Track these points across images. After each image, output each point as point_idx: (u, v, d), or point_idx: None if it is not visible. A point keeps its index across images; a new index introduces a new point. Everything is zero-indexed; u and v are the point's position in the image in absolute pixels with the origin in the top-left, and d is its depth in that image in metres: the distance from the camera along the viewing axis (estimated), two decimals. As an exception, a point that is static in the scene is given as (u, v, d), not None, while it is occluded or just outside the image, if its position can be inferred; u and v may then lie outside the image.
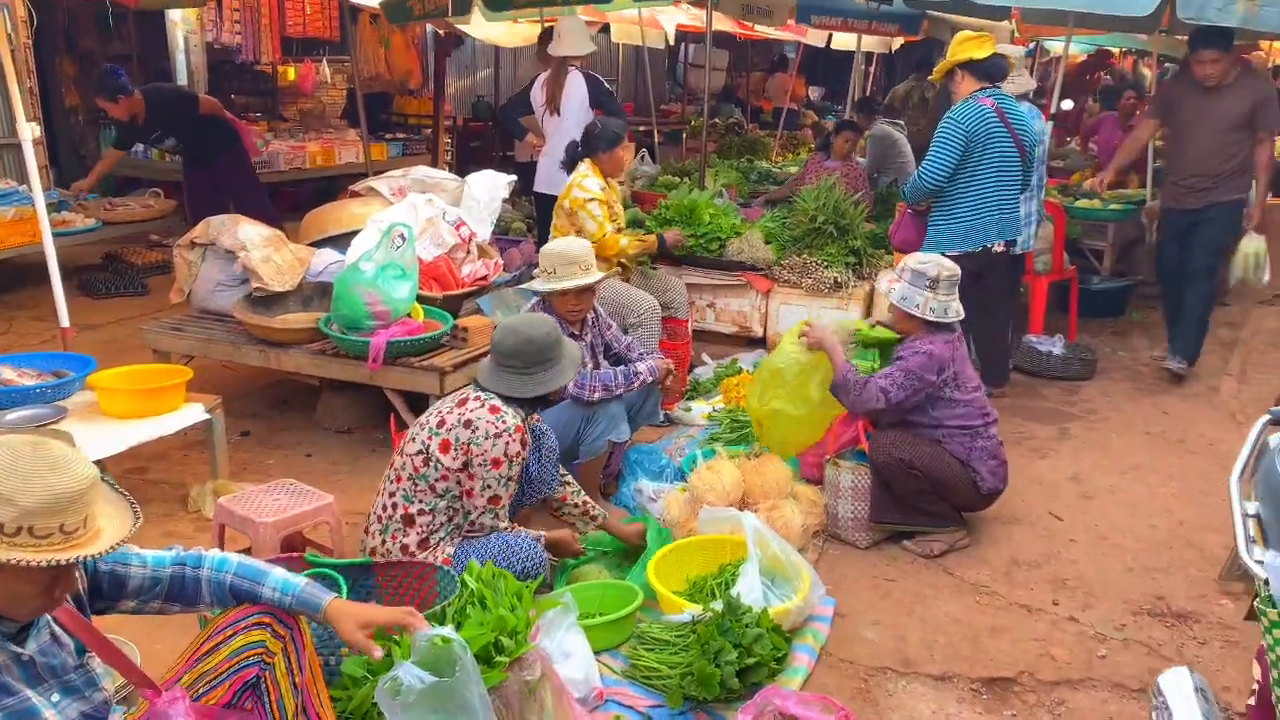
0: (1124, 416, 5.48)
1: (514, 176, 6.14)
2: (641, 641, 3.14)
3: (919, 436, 3.87)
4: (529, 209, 7.82)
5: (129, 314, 6.86)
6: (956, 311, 3.86)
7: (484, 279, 5.37)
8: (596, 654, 3.00)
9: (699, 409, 5.22)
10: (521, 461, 3.23)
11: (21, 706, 1.83)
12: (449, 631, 2.24)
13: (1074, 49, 12.52)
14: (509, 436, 3.13)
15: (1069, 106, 11.46)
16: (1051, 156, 7.04)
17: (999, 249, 4.99)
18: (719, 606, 3.05)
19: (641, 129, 11.39)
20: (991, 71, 4.92)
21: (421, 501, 3.16)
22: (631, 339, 4.41)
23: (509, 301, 5.37)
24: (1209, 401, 5.75)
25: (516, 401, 3.25)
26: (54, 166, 9.22)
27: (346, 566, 3.00)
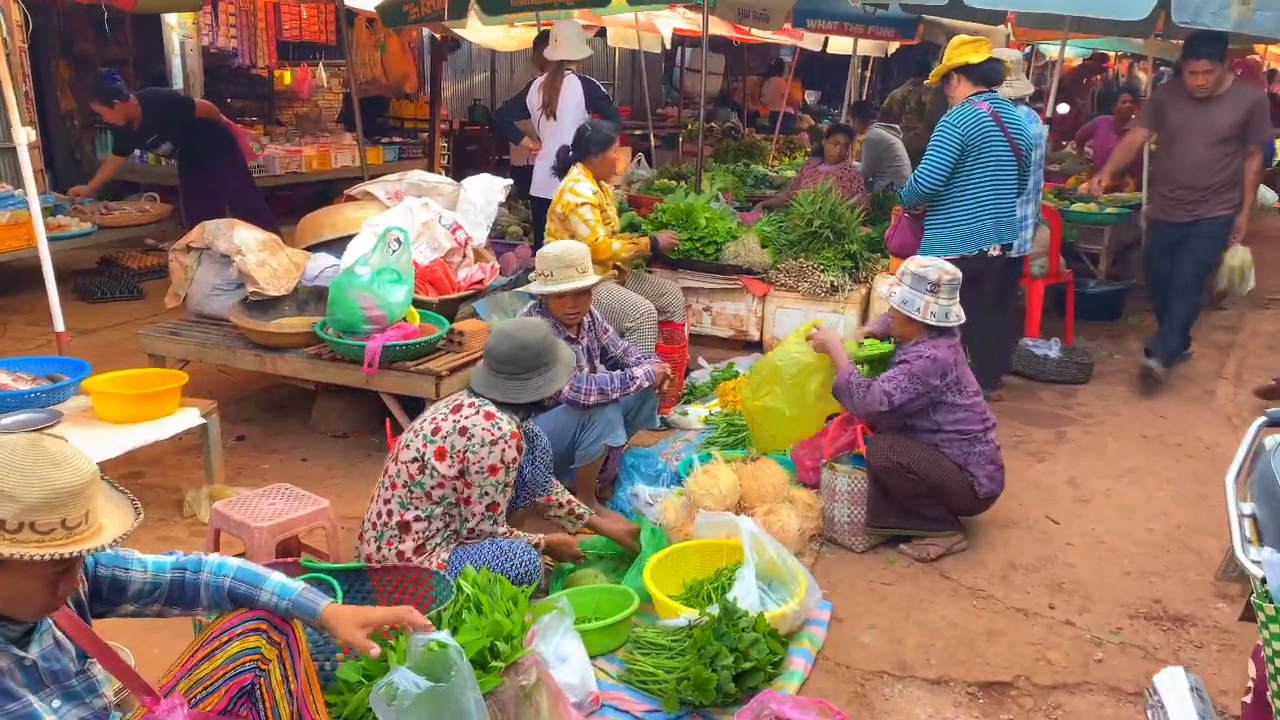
0: (1120, 420, 5.48)
1: (510, 180, 6.14)
2: (638, 646, 3.13)
3: (917, 441, 3.87)
4: (525, 213, 7.83)
5: (124, 318, 6.85)
6: (957, 315, 3.86)
7: (480, 283, 5.37)
8: (592, 659, 3.00)
9: (695, 413, 5.22)
10: (518, 467, 3.23)
11: (24, 712, 1.82)
12: (444, 636, 2.24)
13: (1069, 53, 12.56)
14: (505, 443, 3.12)
15: (1065, 110, 11.48)
16: (1047, 160, 7.05)
17: (995, 253, 4.99)
18: (715, 611, 3.04)
19: (638, 133, 11.41)
20: (988, 75, 4.92)
21: (417, 508, 3.15)
22: (628, 343, 4.41)
23: (505, 305, 5.37)
24: (1205, 405, 5.75)
25: (511, 406, 3.24)
26: (49, 170, 9.21)
27: (342, 571, 2.99)
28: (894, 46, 13.09)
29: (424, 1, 8.00)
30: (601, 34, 12.68)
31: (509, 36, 11.35)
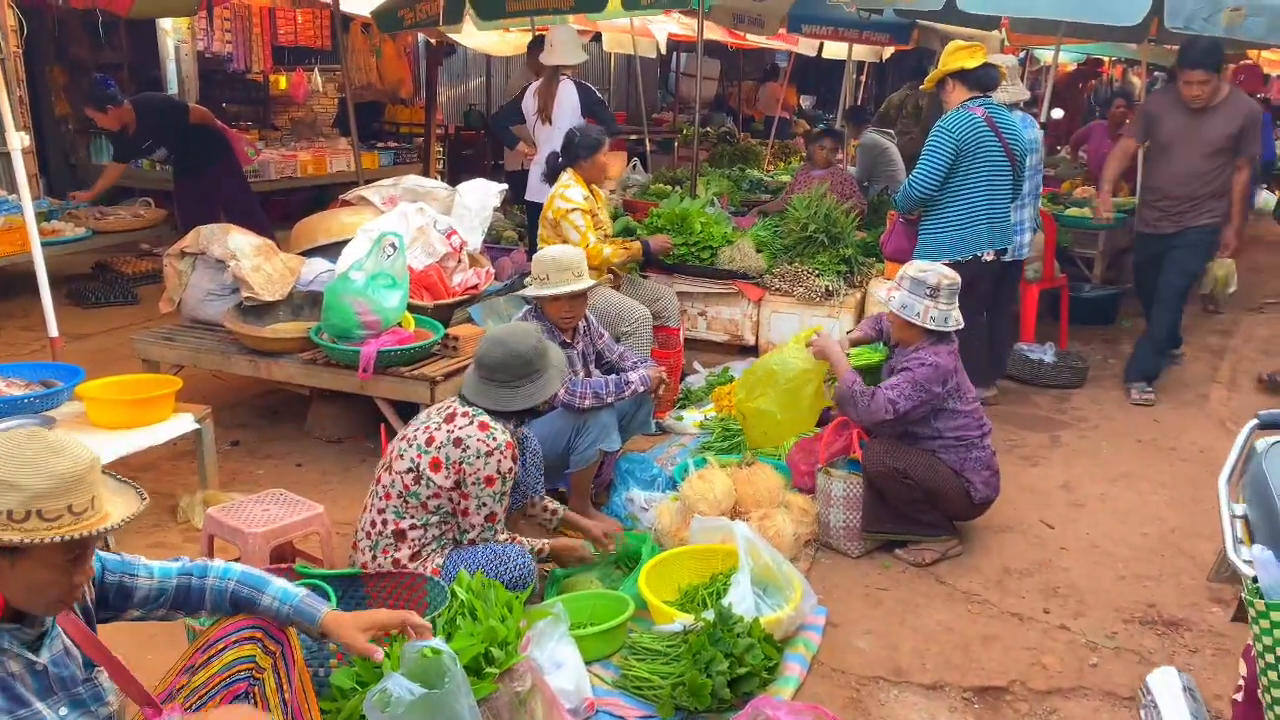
0: (1115, 424, 5.49)
1: (505, 185, 6.14)
2: (633, 652, 3.13)
3: (914, 446, 3.87)
4: (520, 218, 7.83)
5: (119, 323, 6.83)
6: (956, 320, 3.85)
7: (475, 288, 5.36)
8: (588, 664, 2.99)
9: (691, 417, 5.22)
10: (514, 477, 3.22)
11: (32, 719, 1.82)
12: (438, 643, 2.23)
13: (1064, 57, 12.60)
14: (500, 454, 3.10)
15: (1059, 115, 11.51)
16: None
17: (989, 258, 5.00)
18: (710, 616, 3.04)
19: (633, 138, 11.43)
20: (983, 81, 4.93)
21: (413, 517, 3.13)
22: (624, 348, 4.41)
23: (500, 310, 5.37)
24: (1199, 409, 5.76)
25: (505, 413, 3.22)
26: (43, 175, 9.19)
27: (336, 577, 2.99)
28: (889, 51, 13.13)
29: (419, 6, 8.01)
30: (597, 39, 12.71)
31: (504, 41, 11.37)
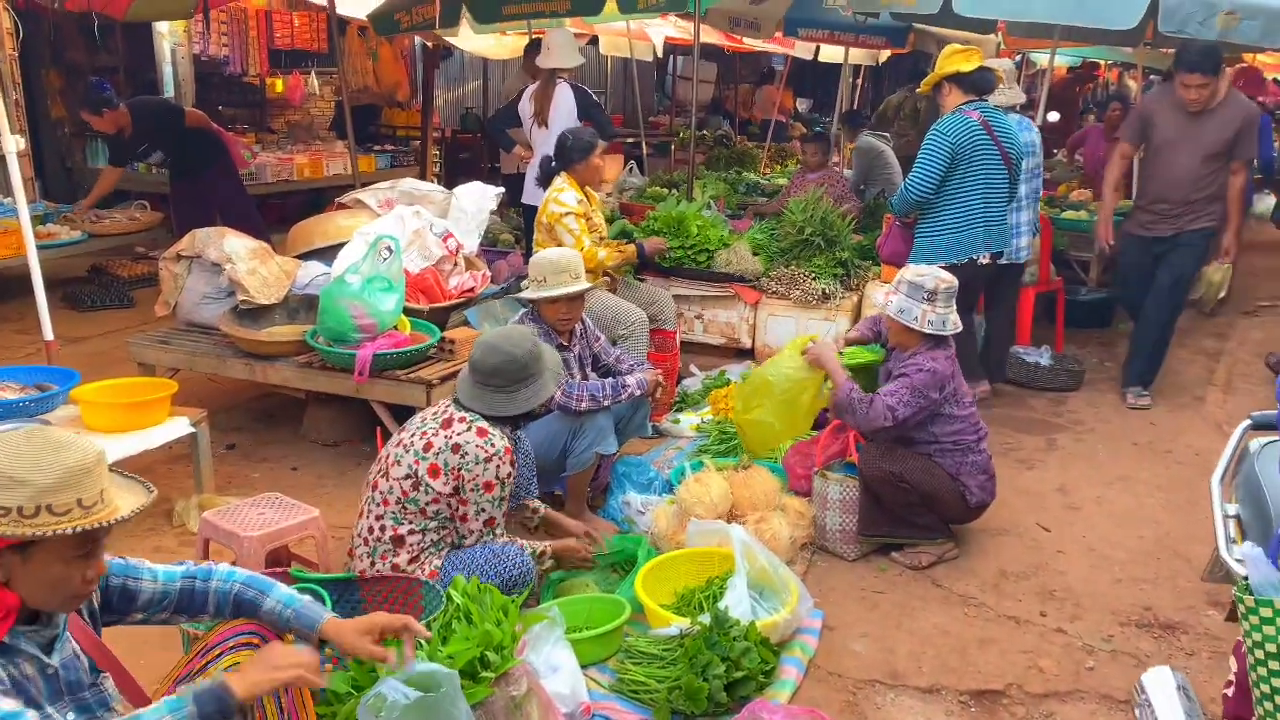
0: (1111, 427, 5.49)
1: (502, 188, 6.15)
2: (629, 655, 3.13)
3: (910, 450, 3.86)
4: (517, 221, 7.83)
5: (114, 327, 6.82)
6: (954, 324, 3.85)
7: (471, 291, 5.36)
8: (584, 668, 2.98)
9: (687, 420, 5.21)
10: (513, 481, 3.21)
11: None
12: (435, 668, 2.22)
13: (1060, 61, 12.62)
14: (499, 460, 3.10)
15: (1055, 119, 11.53)
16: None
17: (985, 261, 5.00)
18: (706, 620, 3.04)
19: (630, 141, 11.44)
20: (979, 84, 4.94)
21: (411, 523, 3.12)
22: (620, 351, 4.40)
23: (496, 313, 5.36)
24: (1195, 412, 5.77)
25: (501, 418, 3.22)
26: (39, 179, 9.18)
27: (331, 581, 2.98)
28: (885, 55, 13.14)
29: (416, 10, 8.01)
30: (593, 42, 12.71)
31: (501, 44, 11.38)
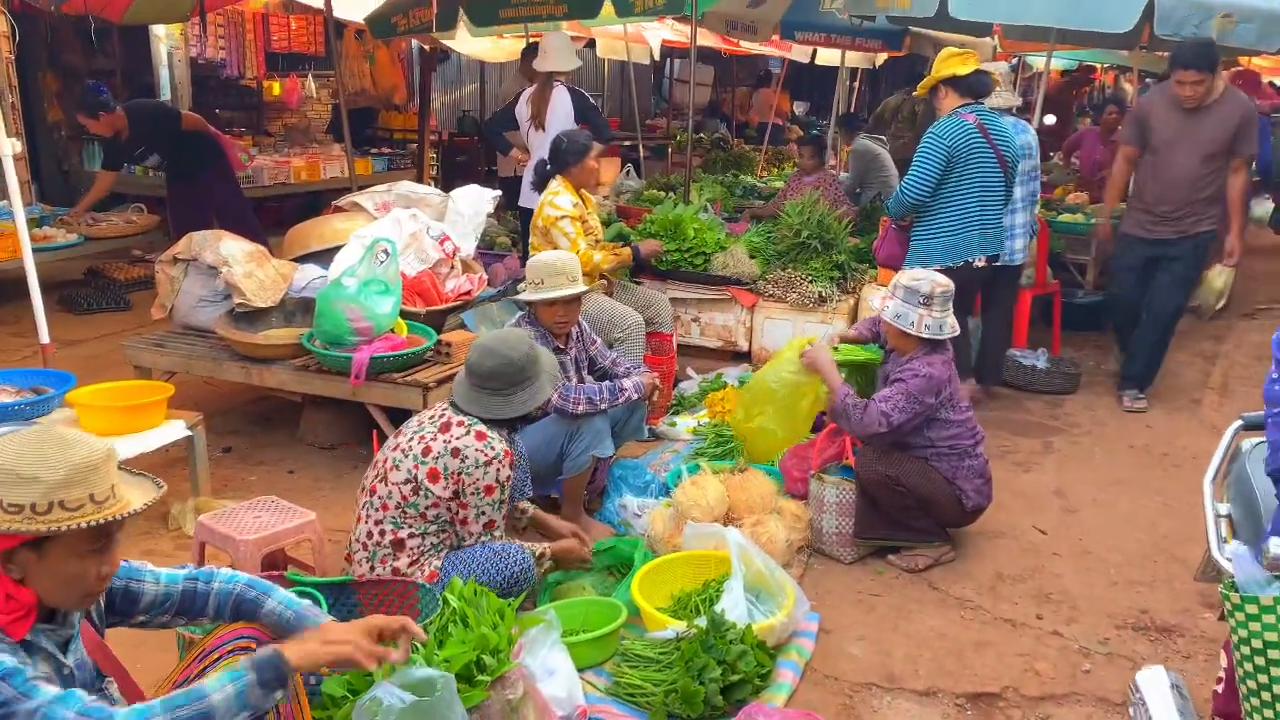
0: (1107, 430, 5.49)
1: (499, 191, 6.14)
2: (625, 659, 3.12)
3: (906, 454, 3.86)
4: (513, 224, 7.83)
5: (111, 330, 6.82)
6: (952, 327, 3.84)
7: (468, 294, 5.36)
8: (580, 671, 2.98)
9: (684, 424, 5.22)
10: (511, 484, 3.21)
11: None
12: (431, 671, 2.21)
13: (1056, 64, 12.63)
14: (499, 463, 3.10)
15: (1051, 121, 11.55)
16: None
17: (980, 264, 5.01)
18: (703, 623, 3.03)
19: (627, 144, 11.45)
20: (974, 87, 4.95)
21: (411, 527, 3.12)
22: (617, 354, 4.40)
23: (493, 316, 5.36)
24: (1192, 415, 5.77)
25: (498, 421, 3.22)
26: (36, 181, 9.18)
27: (328, 585, 2.98)
28: (882, 58, 13.17)
29: (412, 13, 8.01)
30: (590, 45, 12.73)
31: (498, 48, 11.39)
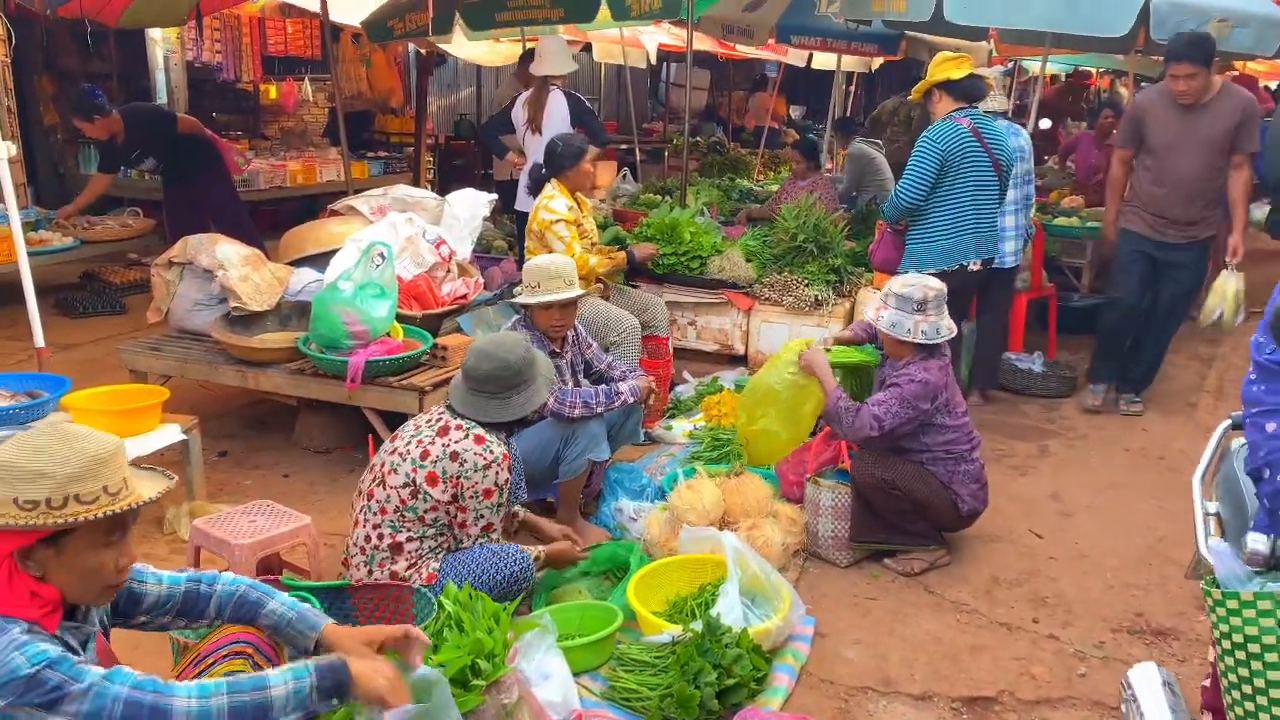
0: (1103, 434, 5.50)
1: (495, 195, 6.14)
2: (621, 663, 3.12)
3: (902, 458, 3.86)
4: (510, 227, 7.82)
5: (106, 333, 6.81)
6: (948, 329, 3.84)
7: (464, 297, 5.36)
8: (575, 676, 2.97)
9: (680, 427, 5.21)
10: (510, 487, 3.21)
11: None
12: (430, 672, 2.21)
13: (1051, 69, 12.66)
14: (498, 466, 3.10)
15: (1047, 126, 11.56)
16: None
17: (975, 267, 5.01)
18: (699, 627, 3.03)
19: (623, 147, 11.44)
20: (969, 91, 4.96)
21: (409, 530, 3.12)
22: (612, 357, 4.40)
23: (489, 320, 5.36)
24: (1188, 418, 5.78)
25: (495, 424, 3.22)
26: (31, 185, 9.17)
27: (323, 589, 2.97)
28: (878, 62, 13.19)
29: (409, 17, 8.01)
30: (587, 49, 12.75)
31: (494, 52, 11.39)
